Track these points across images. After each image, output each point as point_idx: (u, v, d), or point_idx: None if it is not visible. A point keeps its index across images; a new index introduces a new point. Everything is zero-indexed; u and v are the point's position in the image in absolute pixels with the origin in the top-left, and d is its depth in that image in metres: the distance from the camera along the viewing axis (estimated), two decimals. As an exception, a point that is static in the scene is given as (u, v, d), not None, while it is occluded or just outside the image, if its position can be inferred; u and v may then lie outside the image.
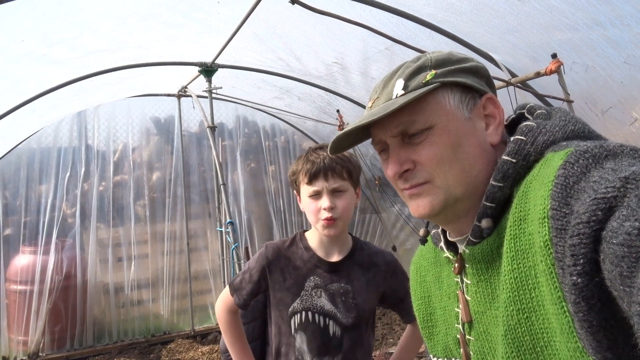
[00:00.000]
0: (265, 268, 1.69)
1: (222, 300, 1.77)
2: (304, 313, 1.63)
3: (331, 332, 1.63)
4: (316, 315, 1.63)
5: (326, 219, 1.58)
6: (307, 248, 1.71)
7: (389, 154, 0.89)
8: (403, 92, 0.84)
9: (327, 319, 1.63)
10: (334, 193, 1.59)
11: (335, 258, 1.69)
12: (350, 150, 5.46)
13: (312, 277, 1.66)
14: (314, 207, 1.60)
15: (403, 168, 0.84)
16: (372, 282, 1.70)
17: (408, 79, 0.85)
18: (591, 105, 2.89)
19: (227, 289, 1.77)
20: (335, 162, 1.59)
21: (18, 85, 3.71)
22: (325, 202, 1.57)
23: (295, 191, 1.74)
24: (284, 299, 1.66)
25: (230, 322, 1.76)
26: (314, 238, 1.72)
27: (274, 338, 1.72)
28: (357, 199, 1.69)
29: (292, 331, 1.65)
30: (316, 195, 1.60)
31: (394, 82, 0.87)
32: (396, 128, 0.85)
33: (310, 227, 1.76)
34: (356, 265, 1.70)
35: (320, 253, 1.69)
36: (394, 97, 0.85)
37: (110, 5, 3.02)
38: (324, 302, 1.63)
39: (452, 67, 0.85)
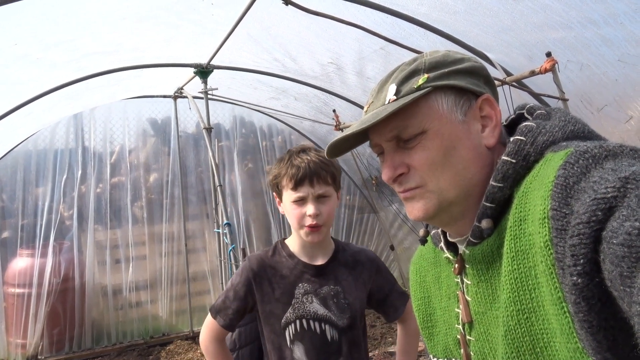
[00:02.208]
0: (252, 280, 1.63)
1: (206, 328, 1.69)
2: (298, 322, 1.58)
3: (329, 337, 1.59)
4: (311, 322, 1.58)
5: (310, 225, 1.54)
6: (291, 255, 1.66)
7: (384, 158, 0.90)
8: (395, 97, 0.84)
9: (322, 324, 1.59)
10: (319, 199, 1.56)
11: (320, 261, 1.65)
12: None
13: (300, 284, 1.61)
14: (297, 212, 1.56)
15: (397, 172, 0.85)
16: (360, 280, 1.68)
17: (400, 84, 0.85)
18: (586, 104, 2.90)
19: (208, 316, 1.69)
20: (320, 167, 1.56)
21: (13, 88, 3.70)
22: (310, 209, 1.54)
23: (275, 193, 1.69)
24: (275, 310, 1.61)
25: (216, 352, 1.67)
26: (295, 244, 1.68)
27: (270, 354, 1.65)
28: (337, 201, 1.66)
29: (289, 343, 1.59)
30: (300, 201, 1.56)
31: (387, 87, 0.87)
32: (390, 133, 0.85)
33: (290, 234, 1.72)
34: (341, 265, 1.67)
35: (304, 258, 1.65)
36: (386, 102, 0.85)
37: (105, 7, 3.02)
38: (317, 307, 1.59)
39: (447, 70, 0.85)
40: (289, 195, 1.58)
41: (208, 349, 1.69)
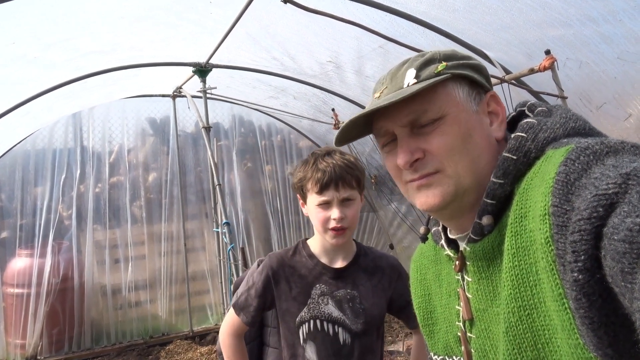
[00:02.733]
0: (271, 278, 1.65)
1: (228, 324, 1.71)
2: (312, 322, 1.60)
3: (341, 339, 1.59)
4: (325, 323, 1.60)
5: (335, 228, 1.55)
6: (311, 256, 1.68)
7: (393, 147, 0.88)
8: (415, 80, 0.84)
9: (336, 327, 1.60)
10: (344, 202, 1.57)
11: (339, 264, 1.66)
12: (346, 149, 5.45)
13: (318, 285, 1.63)
14: (322, 216, 1.57)
15: (414, 157, 0.83)
16: (379, 286, 1.68)
17: (419, 69, 0.85)
18: (585, 101, 2.90)
19: (231, 311, 1.72)
20: (345, 172, 1.56)
21: (11, 88, 3.69)
22: (335, 213, 1.55)
23: (298, 195, 1.70)
24: (291, 308, 1.63)
25: (236, 347, 1.69)
26: (316, 245, 1.69)
27: (284, 350, 1.68)
28: (361, 203, 1.67)
29: (302, 341, 1.62)
30: (325, 204, 1.57)
31: (403, 73, 0.87)
32: (406, 117, 0.84)
33: (313, 234, 1.73)
34: (361, 270, 1.68)
35: (324, 260, 1.67)
36: (405, 85, 0.85)
37: (103, 7, 3.01)
38: (332, 309, 1.60)
39: (460, 62, 0.87)
40: (314, 198, 1.59)
41: (227, 343, 1.70)
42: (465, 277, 0.89)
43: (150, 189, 5.40)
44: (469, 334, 0.89)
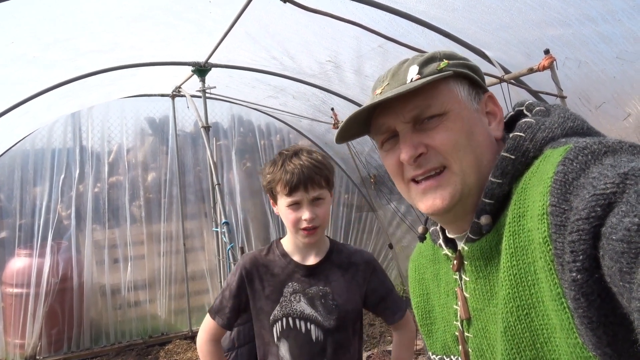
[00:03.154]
0: (244, 277, 1.68)
1: (204, 330, 1.73)
2: (284, 320, 1.62)
3: (314, 336, 1.61)
4: (297, 321, 1.62)
5: (306, 228, 1.57)
6: (284, 254, 1.70)
7: (393, 144, 0.88)
8: (419, 76, 0.85)
9: (308, 324, 1.61)
10: (314, 202, 1.59)
11: (312, 261, 1.68)
12: (345, 149, 5.43)
13: (290, 283, 1.65)
14: (293, 217, 1.59)
15: (418, 151, 0.83)
16: (353, 282, 1.69)
17: (422, 66, 0.86)
18: (584, 101, 2.90)
19: (207, 317, 1.74)
20: (313, 172, 1.58)
21: (10, 88, 3.69)
22: (306, 214, 1.57)
23: (269, 196, 1.71)
24: (264, 307, 1.65)
25: (213, 354, 1.72)
26: (289, 244, 1.71)
27: (259, 350, 1.71)
28: (331, 200, 1.69)
29: (275, 339, 1.64)
30: (295, 205, 1.59)
31: (405, 69, 0.88)
32: (410, 112, 0.85)
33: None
34: (334, 266, 1.69)
35: (297, 258, 1.68)
36: (408, 81, 0.85)
37: (102, 7, 3.01)
38: (304, 306, 1.62)
39: (460, 62, 0.88)
40: (283, 200, 1.61)
41: (203, 349, 1.73)
42: (463, 276, 0.89)
43: (149, 188, 5.40)
44: (466, 334, 0.89)
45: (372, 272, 1.74)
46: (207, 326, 1.73)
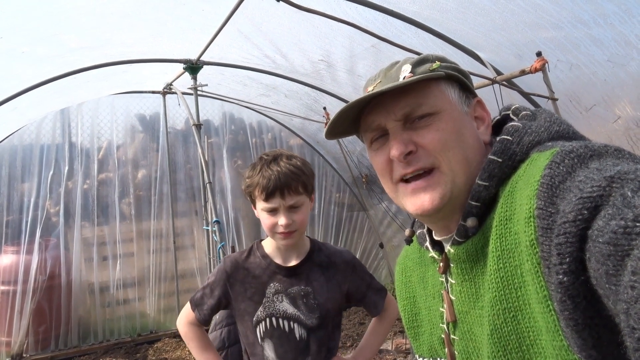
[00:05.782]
0: (226, 282, 1.70)
1: (184, 315, 1.77)
2: (267, 320, 1.65)
3: (297, 335, 1.64)
4: (280, 320, 1.64)
5: (283, 233, 1.59)
6: (265, 256, 1.71)
7: (382, 143, 0.88)
8: (412, 75, 0.85)
9: (291, 323, 1.64)
10: (291, 209, 1.60)
11: (293, 262, 1.70)
12: (337, 148, 5.41)
13: (272, 284, 1.67)
14: (269, 222, 1.61)
15: (408, 148, 0.83)
16: (333, 281, 1.72)
17: (415, 66, 0.87)
18: (575, 103, 2.92)
19: (188, 305, 1.77)
20: (290, 179, 1.58)
21: (-2, 83, 3.65)
22: (282, 220, 1.58)
23: (249, 199, 1.73)
24: (247, 308, 1.67)
25: (193, 331, 1.76)
26: (270, 246, 1.73)
27: (244, 350, 1.74)
28: (311, 203, 1.70)
29: (260, 340, 1.66)
30: (272, 211, 1.60)
31: (398, 68, 0.88)
32: (401, 110, 0.85)
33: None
34: (315, 266, 1.71)
35: (277, 260, 1.70)
36: (401, 79, 0.86)
37: (93, 2, 2.98)
38: (286, 306, 1.65)
39: (452, 65, 0.89)
40: (261, 204, 1.62)
41: (185, 330, 1.77)
42: (449, 279, 0.90)
43: (139, 186, 5.36)
44: (452, 336, 0.90)
45: (352, 271, 1.77)
46: (186, 314, 1.77)
